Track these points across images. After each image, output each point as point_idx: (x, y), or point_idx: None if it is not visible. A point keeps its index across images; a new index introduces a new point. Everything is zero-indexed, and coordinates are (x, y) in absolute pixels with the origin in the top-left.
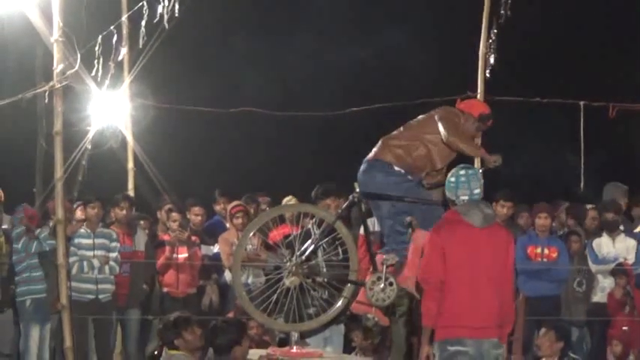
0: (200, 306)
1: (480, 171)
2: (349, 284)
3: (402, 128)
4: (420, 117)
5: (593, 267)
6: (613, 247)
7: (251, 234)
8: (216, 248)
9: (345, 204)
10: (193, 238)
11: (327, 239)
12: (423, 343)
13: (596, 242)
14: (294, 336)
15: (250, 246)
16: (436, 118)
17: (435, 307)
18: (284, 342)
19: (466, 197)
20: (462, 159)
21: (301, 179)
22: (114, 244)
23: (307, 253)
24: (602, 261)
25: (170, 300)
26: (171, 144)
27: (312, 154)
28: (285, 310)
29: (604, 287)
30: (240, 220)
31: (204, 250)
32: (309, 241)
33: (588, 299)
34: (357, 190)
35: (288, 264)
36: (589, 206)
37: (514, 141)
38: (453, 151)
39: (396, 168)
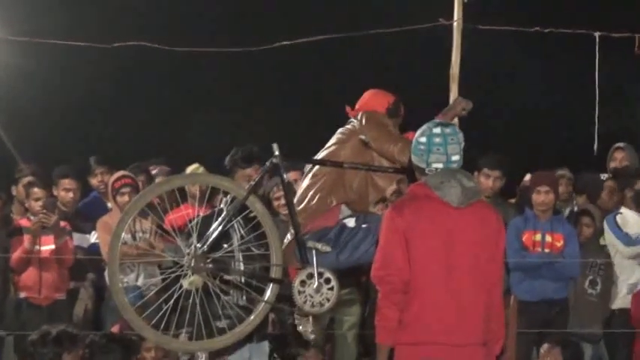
0: (71, 317)
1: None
2: (271, 284)
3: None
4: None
5: (624, 250)
6: None
7: (131, 217)
8: (93, 237)
9: (261, 173)
10: (63, 223)
11: (238, 222)
12: None
13: (619, 217)
14: (201, 358)
15: (141, 233)
16: (363, 138)
17: (395, 317)
18: None
19: (440, 165)
20: None
21: (213, 140)
22: None
23: (211, 241)
24: (636, 241)
25: (29, 309)
26: (31, 93)
27: (227, 105)
28: (186, 323)
29: (634, 285)
30: (127, 198)
31: (78, 239)
32: (215, 226)
33: (606, 304)
34: (277, 152)
35: (186, 258)
36: (604, 176)
37: (503, 85)
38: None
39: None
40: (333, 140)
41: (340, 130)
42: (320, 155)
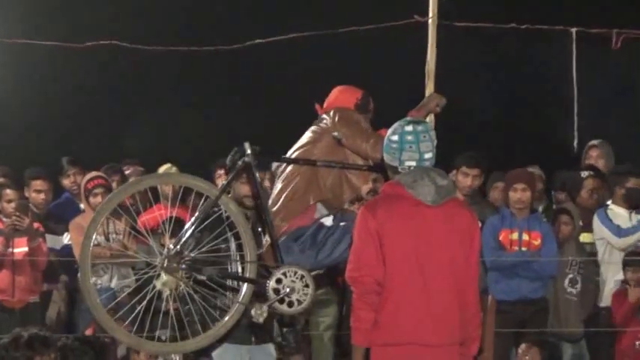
0: (44, 320)
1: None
2: (245, 284)
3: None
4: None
5: (617, 241)
6: (630, 222)
7: (103, 218)
8: (66, 239)
9: (233, 173)
10: (35, 225)
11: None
12: None
13: (610, 211)
14: None
15: (114, 235)
16: (336, 134)
17: (369, 318)
18: None
19: (413, 163)
20: None
21: (186, 140)
22: None
23: (184, 241)
24: (627, 232)
25: (2, 312)
26: (1, 93)
27: (201, 104)
28: (159, 324)
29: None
30: (99, 199)
31: (50, 241)
32: (188, 225)
33: (586, 303)
34: (248, 151)
35: (159, 258)
36: (585, 173)
37: (480, 83)
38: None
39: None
40: (304, 139)
41: (312, 128)
42: (292, 155)
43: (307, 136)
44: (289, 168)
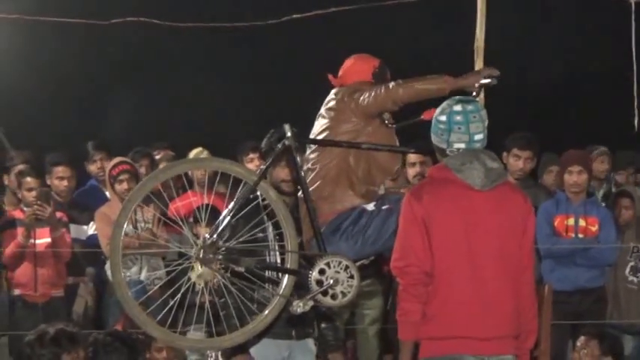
0: (70, 315)
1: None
2: (286, 275)
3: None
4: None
5: None
6: None
7: (135, 205)
8: (91, 229)
9: (272, 156)
10: (59, 214)
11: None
12: None
13: None
14: (211, 357)
15: (142, 223)
16: (351, 106)
17: (417, 311)
18: None
19: (462, 145)
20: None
21: (220, 123)
22: None
23: (220, 230)
24: None
25: (24, 307)
26: (22, 73)
27: (235, 83)
28: (194, 319)
29: None
30: (125, 186)
31: (74, 231)
32: (224, 213)
33: None
34: (289, 134)
35: (194, 248)
36: None
37: (532, 56)
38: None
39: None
40: (323, 123)
41: (329, 107)
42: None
43: (326, 121)
44: (314, 157)
